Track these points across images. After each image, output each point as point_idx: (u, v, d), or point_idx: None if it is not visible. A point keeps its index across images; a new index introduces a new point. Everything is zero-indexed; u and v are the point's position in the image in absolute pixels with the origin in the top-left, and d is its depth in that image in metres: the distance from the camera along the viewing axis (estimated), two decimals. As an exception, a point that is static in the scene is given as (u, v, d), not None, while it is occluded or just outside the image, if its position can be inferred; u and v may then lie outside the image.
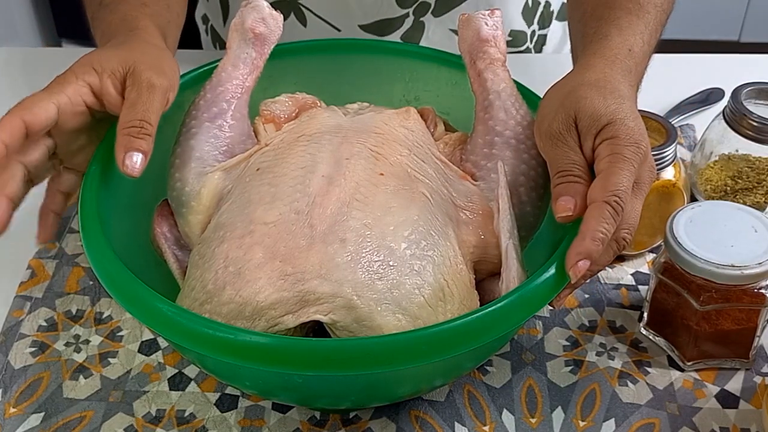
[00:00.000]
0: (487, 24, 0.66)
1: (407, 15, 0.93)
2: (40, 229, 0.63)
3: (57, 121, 0.59)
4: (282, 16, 0.69)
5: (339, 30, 0.94)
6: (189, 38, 1.04)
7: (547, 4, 1.00)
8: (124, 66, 0.61)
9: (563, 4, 1.03)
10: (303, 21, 0.94)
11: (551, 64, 0.99)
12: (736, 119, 0.73)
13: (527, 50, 1.01)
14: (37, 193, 0.83)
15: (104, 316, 0.69)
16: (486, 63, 0.66)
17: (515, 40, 0.99)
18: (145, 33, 0.67)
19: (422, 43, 0.95)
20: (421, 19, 0.93)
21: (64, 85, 0.59)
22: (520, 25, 0.98)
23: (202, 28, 1.09)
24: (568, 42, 1.05)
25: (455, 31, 0.66)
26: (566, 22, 1.05)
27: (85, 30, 0.72)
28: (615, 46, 0.64)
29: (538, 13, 1.00)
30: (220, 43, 1.04)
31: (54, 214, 0.64)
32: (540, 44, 1.03)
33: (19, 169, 0.59)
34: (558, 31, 1.05)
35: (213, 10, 1.02)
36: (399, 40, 0.94)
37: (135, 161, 0.58)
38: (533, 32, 1.00)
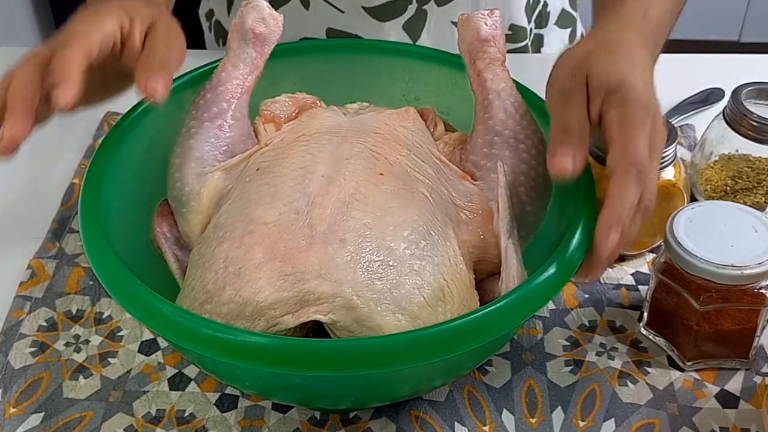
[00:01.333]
0: (486, 24, 0.66)
1: (410, 1, 0.93)
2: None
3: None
4: (282, 16, 0.68)
5: (342, 12, 0.94)
6: (192, 37, 1.04)
7: (545, 4, 1.01)
8: (151, 18, 0.61)
9: (563, 10, 1.03)
10: (306, 4, 0.94)
11: (552, 64, 0.99)
12: (736, 119, 0.73)
13: (526, 47, 1.01)
14: (35, 192, 0.83)
15: (104, 316, 0.69)
16: (485, 63, 0.66)
17: (517, 36, 0.99)
18: None
19: (424, 34, 0.95)
20: (424, 7, 0.93)
21: (104, 21, 0.58)
22: (522, 21, 0.98)
23: (205, 25, 1.08)
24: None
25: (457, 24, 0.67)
26: (566, 30, 1.05)
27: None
28: (631, 11, 0.65)
29: (537, 11, 1.00)
30: (224, 38, 1.04)
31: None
32: (537, 45, 1.03)
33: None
34: (557, 39, 1.05)
35: (217, 1, 1.02)
36: (399, 40, 0.94)
37: (157, 86, 0.56)
38: (530, 30, 1.01)
